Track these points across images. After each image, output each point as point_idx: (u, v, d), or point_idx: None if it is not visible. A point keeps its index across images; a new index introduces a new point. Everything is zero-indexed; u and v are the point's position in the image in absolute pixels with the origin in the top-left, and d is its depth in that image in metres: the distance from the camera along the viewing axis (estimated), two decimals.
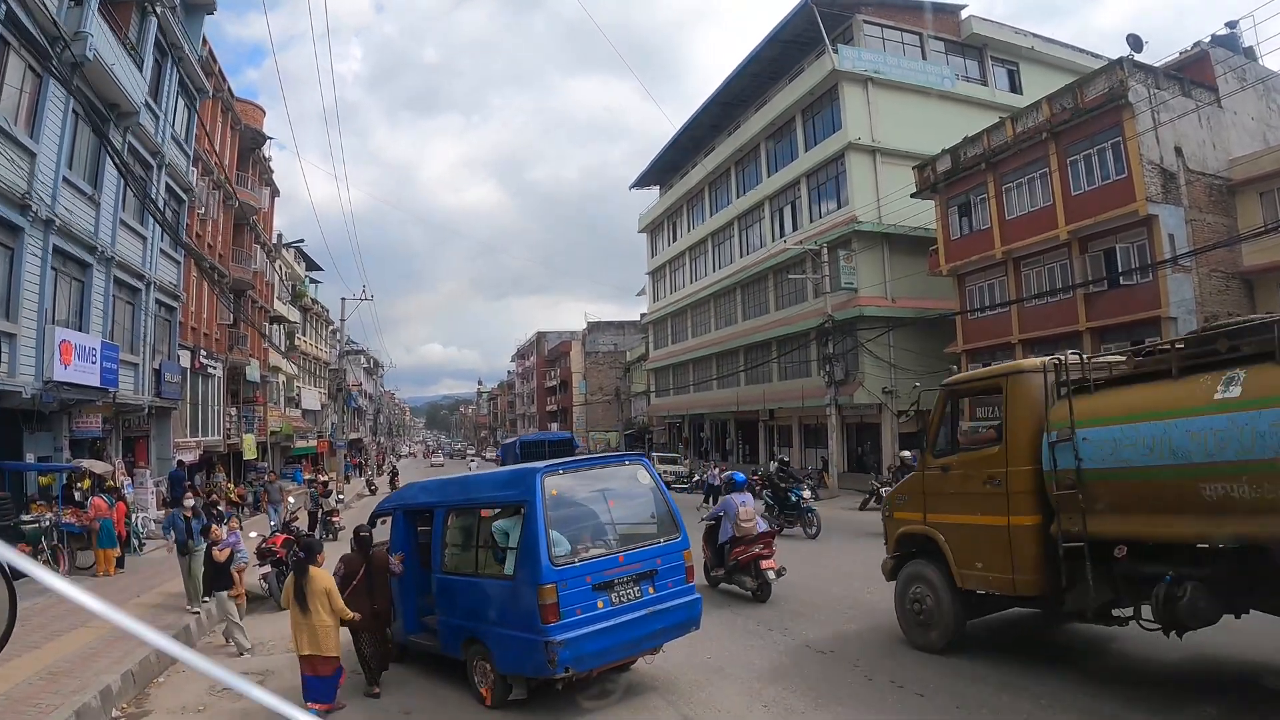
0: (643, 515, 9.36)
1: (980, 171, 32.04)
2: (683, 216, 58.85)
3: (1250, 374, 6.93)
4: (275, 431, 46.16)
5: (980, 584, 9.42)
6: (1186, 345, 8.01)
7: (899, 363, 36.13)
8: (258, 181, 42.62)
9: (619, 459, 10.18)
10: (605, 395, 76.82)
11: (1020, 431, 9.00)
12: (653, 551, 8.82)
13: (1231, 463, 6.84)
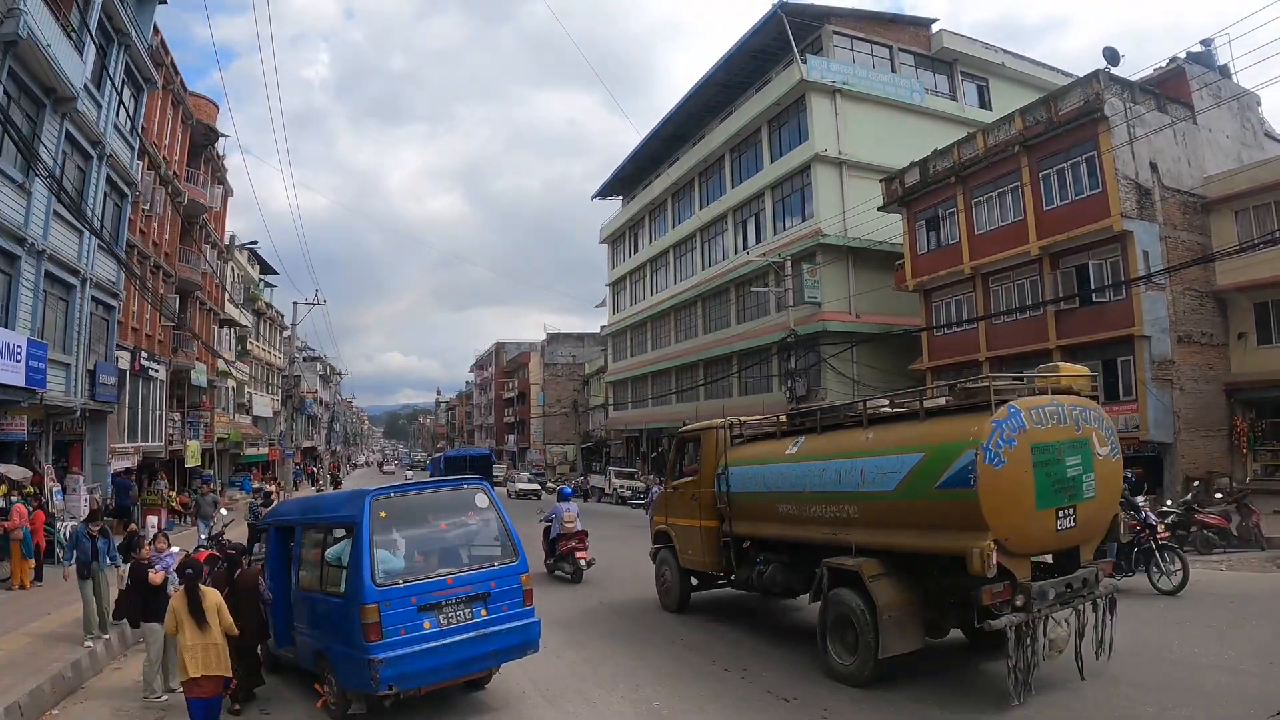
0: (478, 539, 9.53)
1: (949, 185, 30.83)
2: (645, 228, 57.32)
3: (805, 440, 11.36)
4: (223, 438, 44.01)
5: (692, 565, 14.07)
6: (789, 418, 12.54)
7: (862, 379, 34.82)
8: (209, 180, 40.61)
9: (458, 483, 10.19)
10: (563, 408, 75.08)
11: (707, 467, 13.53)
12: (485, 575, 8.92)
13: (790, 492, 11.21)
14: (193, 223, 37.97)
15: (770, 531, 12.03)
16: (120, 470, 27.09)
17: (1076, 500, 8.88)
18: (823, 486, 10.53)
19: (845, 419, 11.09)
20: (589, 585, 17.53)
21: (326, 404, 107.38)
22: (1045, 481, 8.66)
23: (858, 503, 9.97)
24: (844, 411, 11.39)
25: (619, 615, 14.50)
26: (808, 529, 10.97)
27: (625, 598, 16.05)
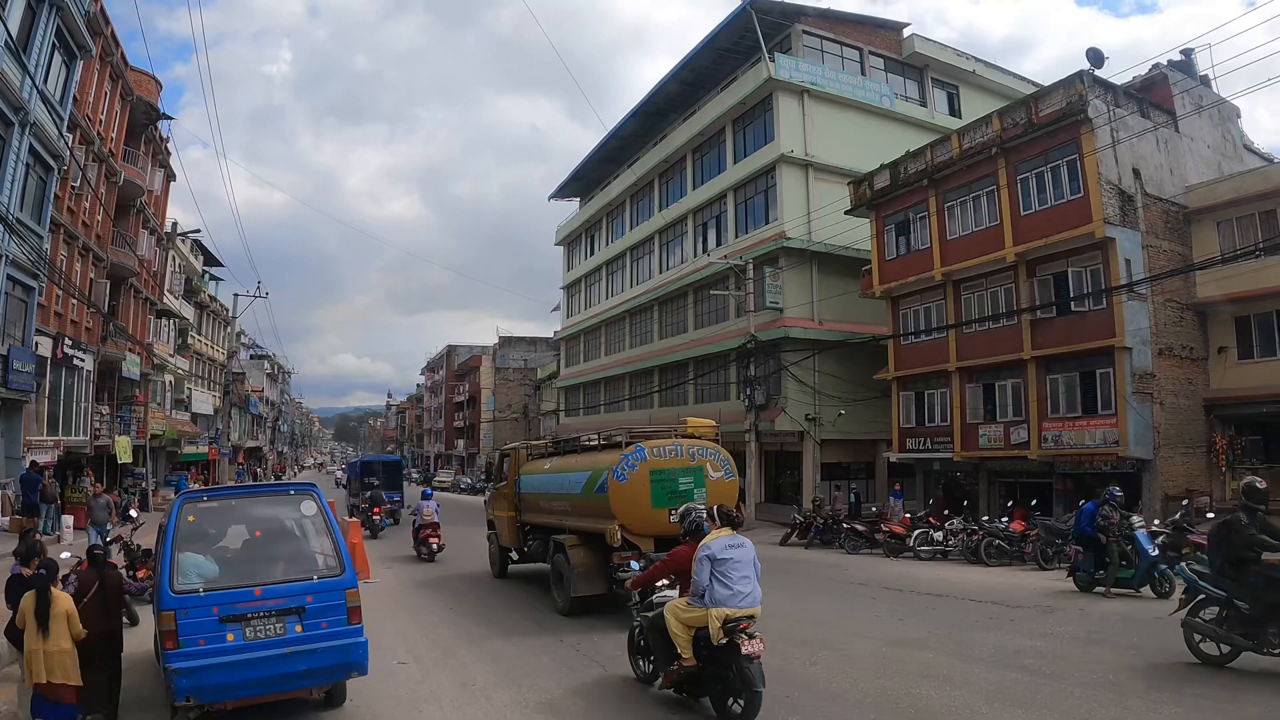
0: (298, 549, 8.75)
1: (921, 188, 29.17)
2: (602, 229, 55.12)
3: (555, 459, 16.36)
4: (158, 435, 41.04)
5: (505, 544, 18.19)
6: (553, 443, 18.21)
7: (824, 388, 33.10)
8: (151, 162, 37.74)
9: (283, 489, 9.59)
10: (514, 413, 72.67)
11: (511, 474, 17.90)
12: (302, 588, 8.16)
13: (544, 493, 16.02)
14: (130, 205, 35.28)
15: (537, 519, 16.72)
16: (34, 465, 24.57)
17: (677, 506, 11.73)
18: (557, 489, 15.44)
19: (574, 447, 16.11)
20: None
21: (273, 403, 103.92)
22: (660, 492, 13.04)
23: (568, 500, 14.81)
24: (574, 442, 16.42)
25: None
26: (550, 517, 15.85)
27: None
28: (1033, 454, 25.31)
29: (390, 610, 14.12)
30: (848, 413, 33.02)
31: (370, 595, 12.61)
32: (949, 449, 28.04)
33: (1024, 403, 25.96)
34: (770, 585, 9.51)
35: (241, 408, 73.33)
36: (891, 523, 24.00)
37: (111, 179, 32.13)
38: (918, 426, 29.74)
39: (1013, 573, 19.29)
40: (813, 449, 33.13)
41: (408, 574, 19.62)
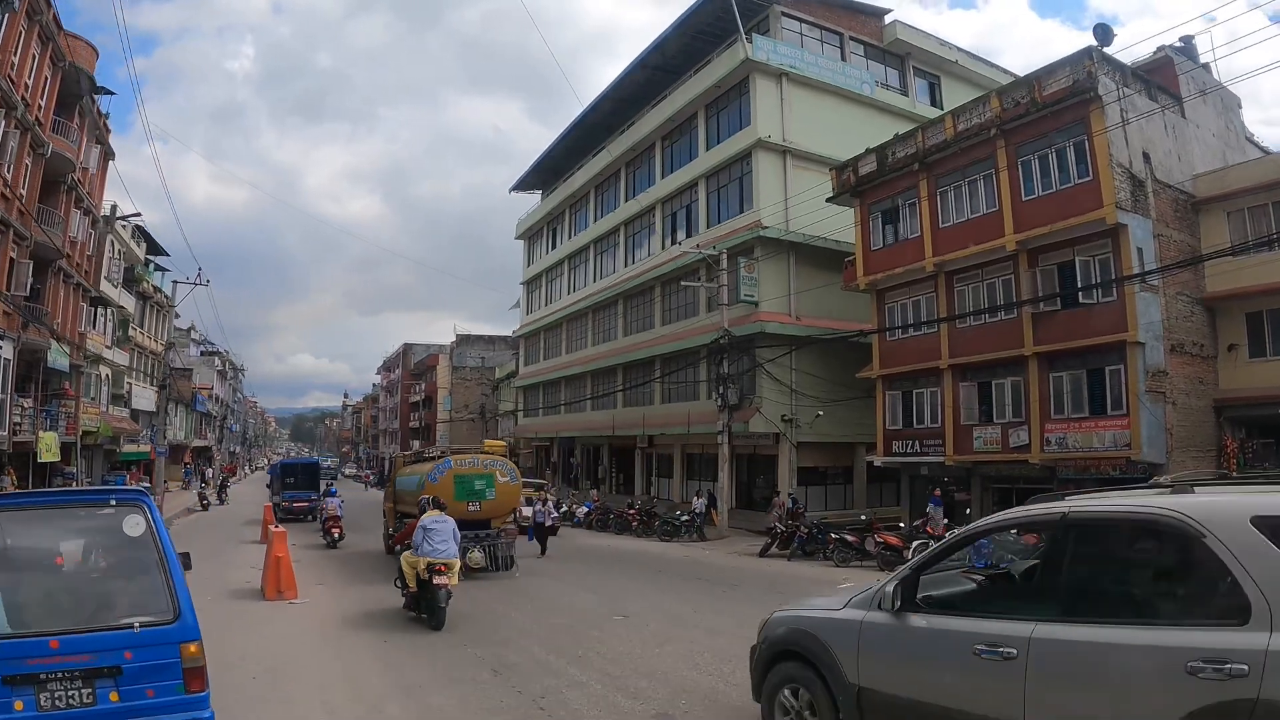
0: (117, 584, 6.20)
1: (912, 173, 26.81)
2: (564, 222, 52.26)
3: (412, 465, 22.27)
4: (91, 431, 37.64)
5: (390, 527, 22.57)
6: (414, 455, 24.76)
7: (801, 388, 30.76)
8: (85, 136, 34.45)
9: (98, 497, 6.48)
10: (470, 413, 69.60)
11: (392, 476, 23.88)
12: (118, 639, 5.57)
13: (404, 489, 20.60)
14: (60, 182, 32.02)
15: (401, 507, 20.48)
16: None
17: (481, 499, 18.48)
18: (405, 487, 20.37)
19: (422, 457, 22.39)
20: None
21: (222, 400, 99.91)
22: (461, 490, 18.23)
23: (410, 494, 18.89)
24: (422, 454, 23.35)
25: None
26: (405, 505, 19.86)
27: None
28: (1034, 457, 23.03)
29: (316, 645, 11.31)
30: (826, 414, 30.66)
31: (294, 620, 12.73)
32: (940, 452, 25.71)
33: (1024, 402, 23.68)
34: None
35: (187, 405, 69.77)
36: (887, 534, 21.56)
37: (38, 150, 28.86)
38: (905, 428, 27.36)
39: None
40: (789, 452, 30.70)
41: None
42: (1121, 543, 5.15)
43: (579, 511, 35.03)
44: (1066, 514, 5.20)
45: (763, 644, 6.87)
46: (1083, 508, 5.21)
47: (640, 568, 20.95)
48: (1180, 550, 4.62)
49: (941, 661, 5.40)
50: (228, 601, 14.12)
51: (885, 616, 5.83)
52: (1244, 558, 4.17)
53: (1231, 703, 3.99)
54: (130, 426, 46.29)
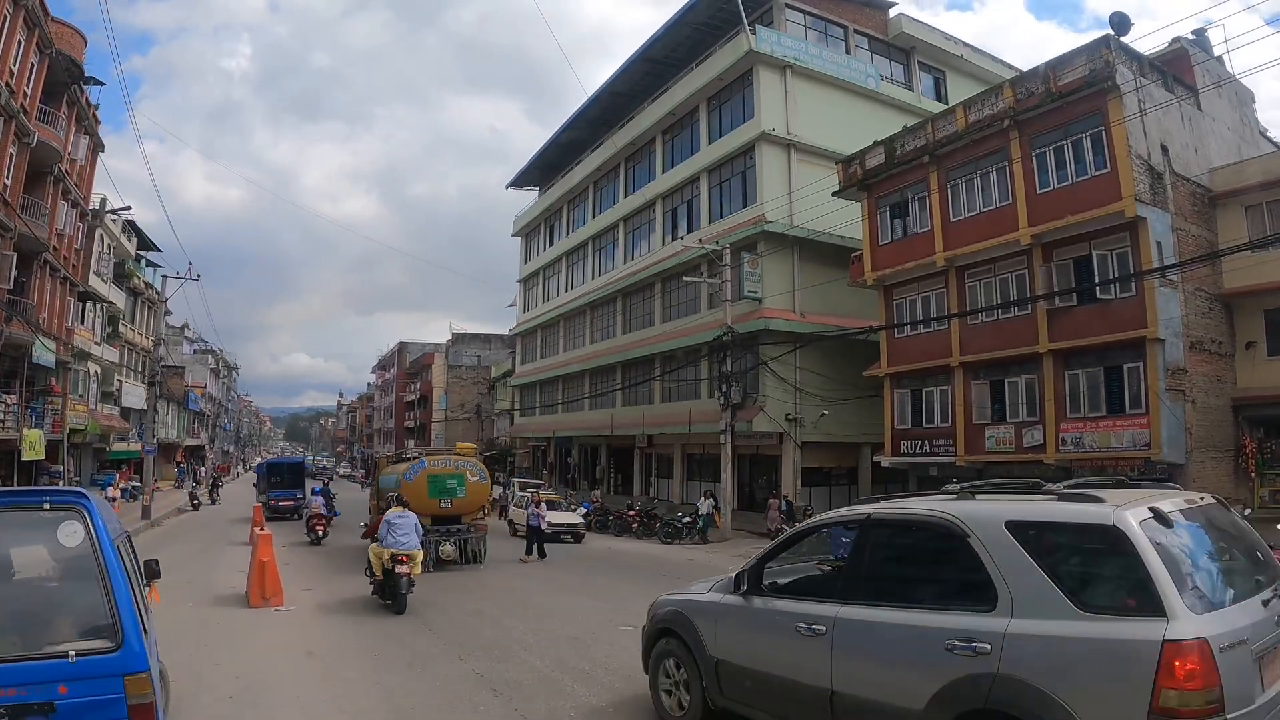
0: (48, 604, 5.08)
1: (921, 166, 26.06)
2: (562, 218, 51.42)
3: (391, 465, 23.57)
4: (79, 429, 36.68)
5: None
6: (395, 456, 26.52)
7: (805, 385, 29.94)
8: (73, 126, 33.53)
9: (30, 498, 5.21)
10: (466, 413, 68.59)
11: (378, 476, 24.59)
12: (50, 670, 4.49)
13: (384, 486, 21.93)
14: (46, 172, 31.12)
15: (383, 505, 18.84)
16: None
17: (452, 497, 19.87)
18: (386, 484, 21.58)
19: (401, 458, 24.27)
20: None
21: (215, 399, 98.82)
22: (433, 488, 19.71)
23: (390, 490, 19.53)
24: (401, 455, 25.86)
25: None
26: (384, 503, 19.19)
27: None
28: (1049, 458, 22.25)
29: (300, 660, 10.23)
30: (831, 413, 29.91)
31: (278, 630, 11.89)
32: (950, 452, 24.94)
33: (1039, 401, 22.92)
34: None
35: (179, 403, 68.81)
36: None
37: (23, 139, 27.98)
38: (913, 428, 26.58)
39: None
40: (793, 452, 29.93)
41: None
42: (909, 540, 6.03)
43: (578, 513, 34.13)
44: (870, 515, 6.16)
45: (650, 623, 7.95)
46: (883, 509, 6.21)
47: (643, 572, 20.08)
48: (950, 548, 5.40)
49: (773, 637, 6.41)
50: (209, 609, 13.29)
51: (736, 599, 6.88)
52: (995, 555, 5.08)
53: (977, 676, 4.85)
54: (120, 424, 45.41)
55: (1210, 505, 5.47)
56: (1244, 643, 4.57)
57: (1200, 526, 5.18)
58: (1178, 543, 4.83)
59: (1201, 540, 5.10)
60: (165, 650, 9.42)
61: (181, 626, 11.36)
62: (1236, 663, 4.47)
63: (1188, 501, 5.29)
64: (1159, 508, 4.91)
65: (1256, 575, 5.21)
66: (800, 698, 6.16)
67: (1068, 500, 5.28)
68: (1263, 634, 4.74)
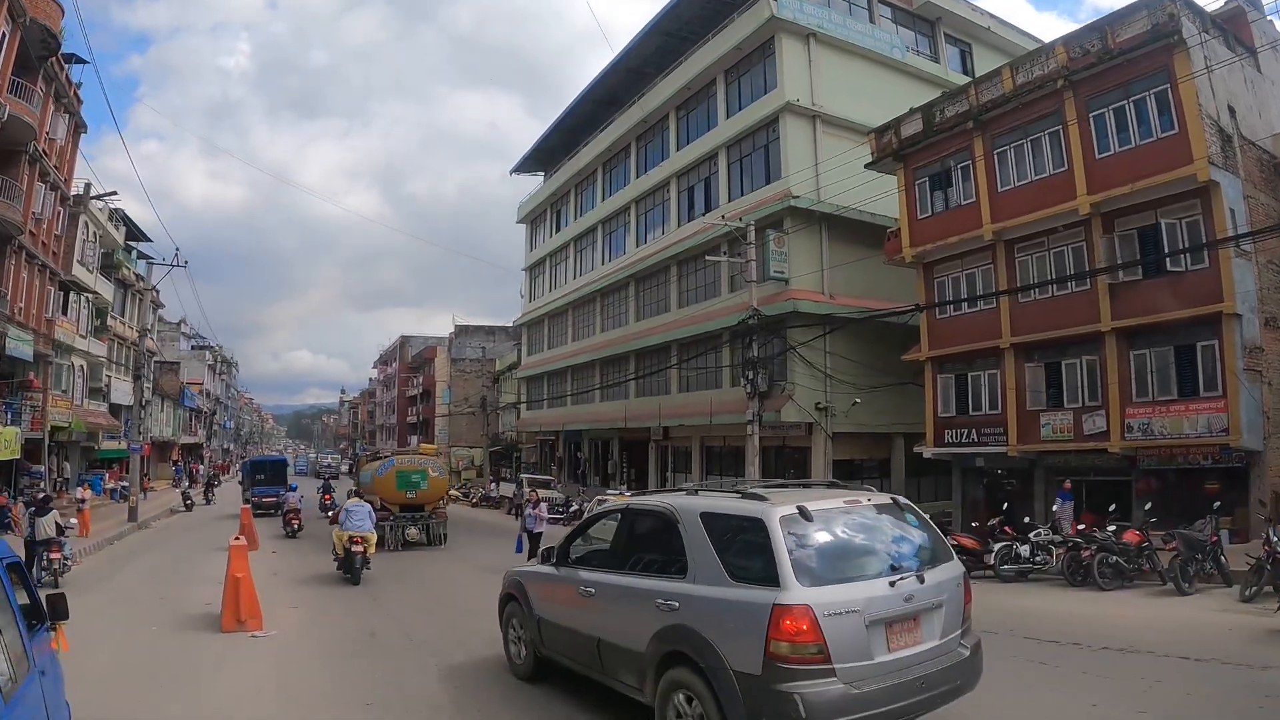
0: None
1: (965, 133, 24.29)
2: (569, 203, 49.56)
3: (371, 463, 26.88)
4: (62, 427, 34.83)
5: None
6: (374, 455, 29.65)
7: (836, 371, 28.19)
8: (49, 102, 31.62)
9: None
10: (471, 407, 66.75)
11: (359, 472, 29.86)
12: None
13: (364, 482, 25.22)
14: (20, 151, 29.31)
15: (366, 497, 20.96)
16: None
17: (416, 490, 23.80)
18: (364, 479, 25.44)
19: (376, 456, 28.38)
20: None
21: (216, 397, 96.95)
22: (402, 482, 23.68)
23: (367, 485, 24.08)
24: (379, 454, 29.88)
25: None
26: (367, 495, 22.20)
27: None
28: (1114, 446, 20.51)
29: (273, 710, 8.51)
30: (862, 401, 28.22)
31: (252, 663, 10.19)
32: (1000, 441, 23.18)
33: (1101, 384, 21.19)
34: None
35: (174, 400, 67.03)
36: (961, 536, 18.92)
37: None
38: (958, 415, 24.82)
39: (1150, 600, 14.51)
40: (823, 443, 28.20)
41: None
42: (647, 524, 7.72)
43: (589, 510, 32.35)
44: (628, 505, 8.22)
45: (502, 590, 9.76)
46: (636, 501, 8.31)
47: None
48: (668, 531, 7.12)
49: (568, 599, 8.18)
50: (174, 635, 11.60)
51: (550, 570, 8.70)
52: (689, 537, 6.82)
53: (673, 625, 6.59)
54: (109, 422, 43.51)
55: (861, 505, 6.72)
56: (855, 612, 5.84)
57: (839, 522, 6.47)
58: (808, 534, 6.16)
59: (833, 533, 6.37)
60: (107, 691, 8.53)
61: (136, 658, 10.05)
62: (845, 626, 5.77)
63: (846, 503, 6.66)
64: (805, 507, 6.28)
65: (891, 562, 6.37)
66: (583, 645, 7.85)
67: (746, 498, 6.73)
68: (883, 607, 5.99)
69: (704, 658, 6.18)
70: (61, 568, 16.06)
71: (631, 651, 7.02)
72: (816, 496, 6.75)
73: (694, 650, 6.29)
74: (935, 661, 6.25)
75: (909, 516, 6.99)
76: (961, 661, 6.48)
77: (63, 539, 16.40)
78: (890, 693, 5.90)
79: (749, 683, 5.85)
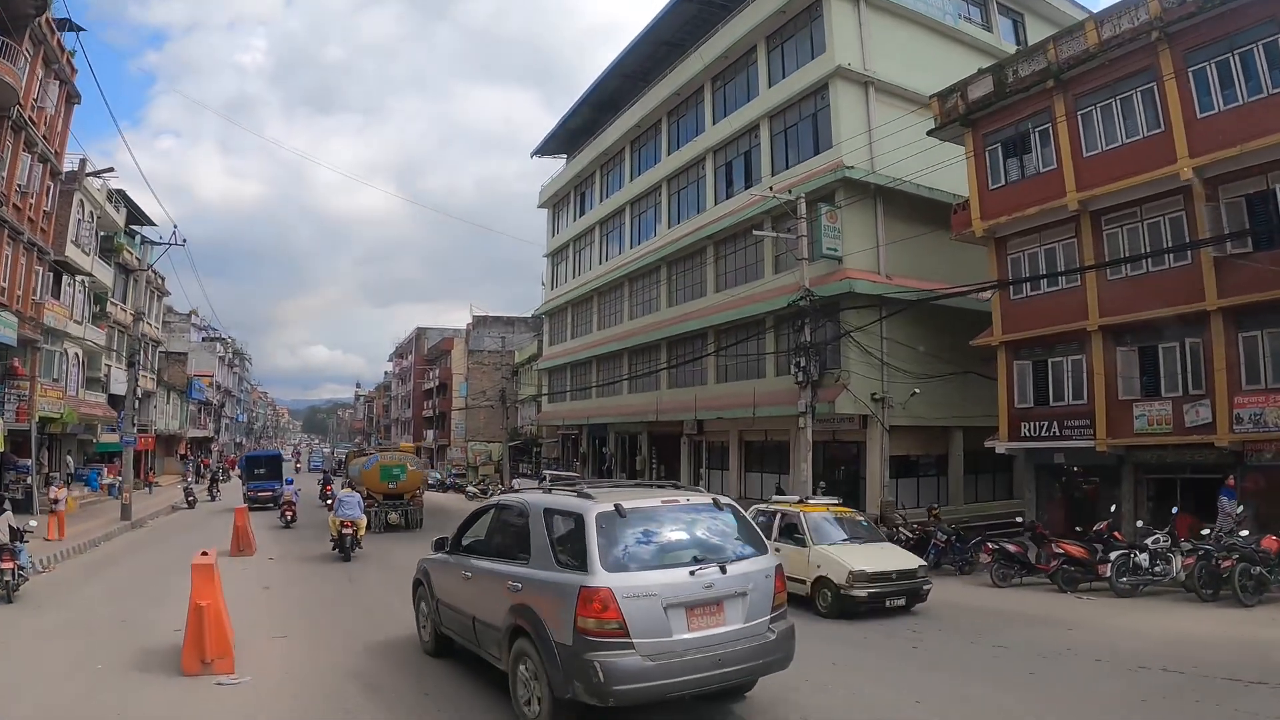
0: None
1: (1044, 93, 22.25)
2: (595, 185, 47.60)
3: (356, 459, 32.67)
4: (53, 418, 32.97)
5: None
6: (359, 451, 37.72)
7: (893, 359, 26.22)
8: (39, 67, 29.68)
9: None
10: (489, 400, 64.88)
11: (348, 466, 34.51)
12: None
13: (352, 475, 30.55)
14: (3, 116, 27.52)
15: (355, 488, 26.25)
16: None
17: (397, 481, 28.59)
18: (353, 473, 29.89)
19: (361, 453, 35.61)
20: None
21: (226, 390, 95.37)
22: (385, 474, 28.45)
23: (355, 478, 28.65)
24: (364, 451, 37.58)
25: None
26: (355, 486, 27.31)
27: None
28: (1221, 439, 18.46)
29: None
30: (921, 392, 26.29)
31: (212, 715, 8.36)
32: (1087, 434, 21.12)
33: (1205, 370, 19.20)
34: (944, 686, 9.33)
35: (181, 392, 65.53)
36: (1068, 543, 16.94)
37: None
38: (1036, 406, 22.77)
39: None
40: (880, 438, 26.20)
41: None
42: (509, 517, 9.20)
43: None
44: (500, 502, 9.88)
45: (414, 576, 11.25)
46: (504, 497, 10.08)
47: None
48: (522, 522, 8.52)
49: (455, 582, 9.67)
50: (120, 677, 9.37)
51: (444, 557, 10.26)
52: (533, 528, 8.15)
53: (517, 604, 7.80)
54: (106, 413, 41.55)
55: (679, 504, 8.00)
56: (653, 596, 7.06)
57: (652, 519, 7.71)
58: (619, 528, 7.42)
59: (644, 527, 7.58)
60: None
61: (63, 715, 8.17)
62: (643, 607, 6.98)
63: (664, 502, 7.96)
64: (621, 504, 7.59)
65: (696, 554, 7.58)
66: (465, 622, 9.17)
67: (580, 496, 7.96)
68: (682, 593, 7.16)
69: (536, 631, 7.37)
70: (15, 579, 14.26)
71: (494, 626, 8.23)
72: (638, 496, 8.00)
73: (530, 624, 7.49)
74: (738, 643, 7.26)
75: (726, 515, 8.09)
76: (768, 643, 7.50)
77: (18, 545, 14.48)
78: (685, 666, 6.97)
79: (564, 652, 7.00)
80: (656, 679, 6.86)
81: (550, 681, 7.12)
